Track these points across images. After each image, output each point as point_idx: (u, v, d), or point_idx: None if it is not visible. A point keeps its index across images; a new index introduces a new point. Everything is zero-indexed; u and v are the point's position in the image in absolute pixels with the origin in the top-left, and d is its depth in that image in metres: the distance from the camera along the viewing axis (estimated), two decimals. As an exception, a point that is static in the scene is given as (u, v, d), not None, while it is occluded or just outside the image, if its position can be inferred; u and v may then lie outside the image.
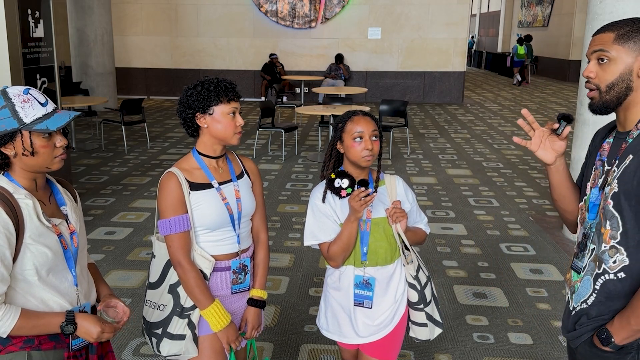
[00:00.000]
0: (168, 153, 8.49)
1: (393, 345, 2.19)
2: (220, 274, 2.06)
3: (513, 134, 10.21)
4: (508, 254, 4.75)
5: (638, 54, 1.51)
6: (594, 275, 1.61)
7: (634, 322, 1.51)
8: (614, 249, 1.55)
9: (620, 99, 1.56)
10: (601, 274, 1.58)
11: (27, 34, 5.20)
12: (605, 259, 1.57)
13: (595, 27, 4.67)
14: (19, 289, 1.60)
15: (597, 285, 1.59)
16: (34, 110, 1.59)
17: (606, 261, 1.57)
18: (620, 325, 1.55)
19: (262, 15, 14.26)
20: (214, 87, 1.97)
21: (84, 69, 11.91)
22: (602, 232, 1.58)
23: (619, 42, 1.52)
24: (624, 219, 1.52)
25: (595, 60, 1.57)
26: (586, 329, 1.64)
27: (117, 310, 1.81)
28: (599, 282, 1.59)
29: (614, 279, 1.56)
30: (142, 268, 4.33)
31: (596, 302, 1.60)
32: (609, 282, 1.57)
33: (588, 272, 1.64)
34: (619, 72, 1.53)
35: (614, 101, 1.56)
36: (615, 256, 1.55)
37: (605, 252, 1.57)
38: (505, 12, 29.09)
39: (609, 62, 1.54)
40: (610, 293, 1.57)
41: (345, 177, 2.06)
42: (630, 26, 1.52)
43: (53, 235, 1.64)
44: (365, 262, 2.10)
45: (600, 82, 1.57)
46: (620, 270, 1.55)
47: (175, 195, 1.96)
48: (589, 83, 1.60)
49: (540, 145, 1.74)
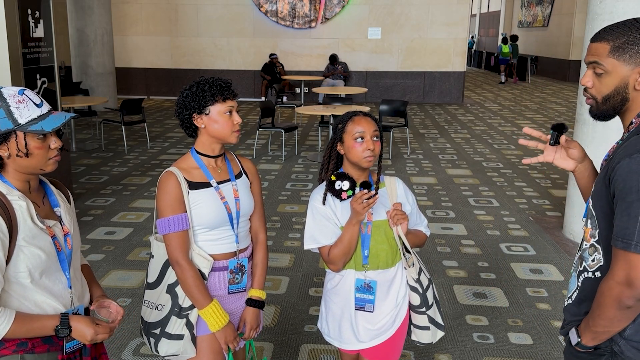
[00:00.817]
0: (168, 153, 8.48)
1: (394, 349, 2.17)
2: (218, 273, 2.05)
3: (513, 134, 10.22)
4: (508, 254, 4.75)
5: (634, 67, 1.47)
6: (577, 272, 1.62)
7: (592, 323, 1.51)
8: (592, 247, 1.56)
9: (616, 109, 1.55)
10: (582, 271, 1.59)
11: (27, 34, 5.20)
12: (585, 257, 1.58)
13: (595, 27, 4.66)
14: (13, 292, 1.58)
15: (579, 282, 1.61)
16: (29, 111, 1.58)
17: (586, 259, 1.58)
18: (585, 325, 1.55)
19: (262, 15, 14.26)
20: (209, 86, 1.97)
21: (84, 69, 11.91)
22: (584, 230, 1.60)
23: (614, 55, 1.48)
24: (598, 219, 1.53)
25: (592, 70, 1.55)
26: (568, 328, 1.65)
27: (111, 310, 1.78)
28: (581, 279, 1.60)
29: (592, 278, 1.56)
30: (142, 268, 4.33)
31: (577, 299, 1.61)
32: (587, 280, 1.58)
33: (575, 268, 1.65)
34: (614, 85, 1.50)
35: (610, 111, 1.55)
36: (594, 255, 1.55)
37: (586, 250, 1.58)
38: (505, 12, 29.09)
39: (605, 74, 1.50)
40: (589, 291, 1.57)
41: (346, 179, 2.04)
42: (626, 36, 1.46)
43: (47, 237, 1.63)
44: (366, 265, 2.08)
45: (596, 94, 1.55)
46: (597, 269, 1.55)
47: (174, 194, 1.96)
48: (586, 92, 1.58)
49: (554, 156, 1.76)
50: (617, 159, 1.45)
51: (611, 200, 1.47)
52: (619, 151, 1.48)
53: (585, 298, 1.58)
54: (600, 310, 1.47)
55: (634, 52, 1.45)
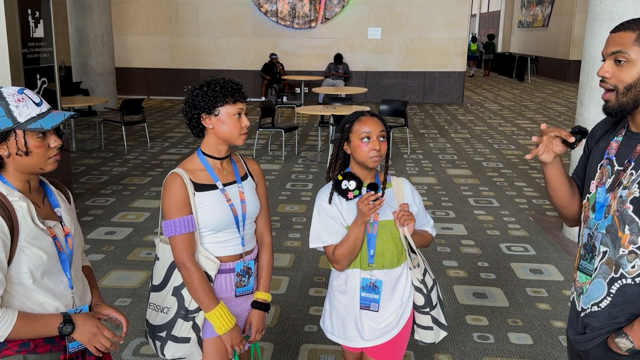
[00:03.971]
0: (168, 153, 8.48)
1: (398, 349, 2.17)
2: (225, 276, 2.04)
3: (513, 134, 10.22)
4: (508, 254, 4.75)
5: None
6: (608, 278, 1.59)
7: None
8: (633, 253, 1.53)
9: (637, 102, 1.51)
10: (618, 278, 1.56)
11: (27, 34, 5.20)
12: (623, 263, 1.55)
13: (595, 27, 4.67)
14: (15, 293, 1.58)
15: (613, 290, 1.57)
16: (28, 110, 1.58)
17: (624, 266, 1.54)
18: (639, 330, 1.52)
19: (262, 15, 14.26)
20: (220, 87, 1.95)
21: (84, 69, 11.91)
22: (620, 237, 1.55)
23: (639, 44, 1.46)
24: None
25: (612, 60, 1.52)
26: (599, 332, 1.62)
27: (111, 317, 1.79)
28: (615, 286, 1.57)
29: (632, 284, 1.54)
30: (142, 268, 4.33)
31: (610, 305, 1.58)
32: (627, 287, 1.55)
33: (600, 274, 1.61)
34: (638, 74, 1.48)
35: (630, 104, 1.51)
36: (635, 261, 1.52)
37: (624, 256, 1.55)
38: (505, 12, 29.09)
39: (628, 63, 1.48)
40: (628, 297, 1.55)
41: (352, 178, 2.04)
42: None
43: (48, 237, 1.62)
44: (372, 265, 2.08)
45: (618, 83, 1.51)
46: (638, 275, 1.53)
47: (180, 196, 1.94)
48: (604, 83, 1.54)
49: (544, 150, 1.72)
50: None
51: None
52: None
53: (621, 303, 1.56)
54: None
55: None
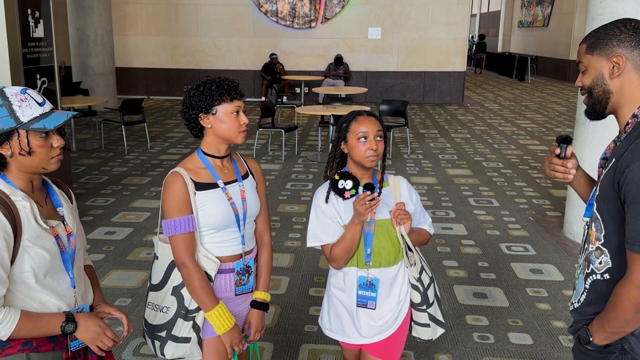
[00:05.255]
0: (168, 153, 8.48)
1: (396, 346, 2.18)
2: (225, 275, 2.04)
3: (513, 134, 10.22)
4: (508, 254, 4.75)
5: (604, 59, 1.60)
6: (584, 274, 1.66)
7: (607, 324, 1.55)
8: (599, 250, 1.59)
9: (602, 102, 1.63)
10: (590, 273, 1.63)
11: (27, 34, 5.20)
12: (592, 259, 1.62)
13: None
14: (18, 292, 1.59)
15: (587, 285, 1.64)
16: (31, 110, 1.58)
17: (593, 262, 1.62)
18: (597, 325, 1.59)
19: (262, 15, 14.26)
20: (216, 86, 1.95)
21: (84, 69, 11.91)
22: (589, 233, 1.64)
23: (588, 52, 1.64)
24: (605, 222, 1.56)
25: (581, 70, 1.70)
26: (578, 327, 1.69)
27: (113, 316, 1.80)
28: (589, 282, 1.64)
29: (601, 280, 1.60)
30: (142, 268, 4.33)
31: (586, 301, 1.65)
32: (597, 282, 1.61)
33: (582, 270, 1.69)
34: (592, 77, 1.64)
35: (597, 104, 1.64)
36: (601, 257, 1.59)
37: (592, 252, 1.61)
38: (505, 12, 29.10)
39: (586, 70, 1.66)
40: (598, 293, 1.61)
41: (349, 178, 2.04)
42: (596, 36, 1.62)
43: (50, 237, 1.63)
44: (368, 263, 2.09)
45: (585, 88, 1.67)
46: (605, 271, 1.59)
47: (181, 196, 1.93)
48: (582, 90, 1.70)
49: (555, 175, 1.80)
50: (625, 162, 1.48)
51: (620, 204, 1.51)
52: (627, 155, 1.50)
53: (595, 299, 1.62)
54: (617, 312, 1.51)
55: (603, 45, 1.60)
